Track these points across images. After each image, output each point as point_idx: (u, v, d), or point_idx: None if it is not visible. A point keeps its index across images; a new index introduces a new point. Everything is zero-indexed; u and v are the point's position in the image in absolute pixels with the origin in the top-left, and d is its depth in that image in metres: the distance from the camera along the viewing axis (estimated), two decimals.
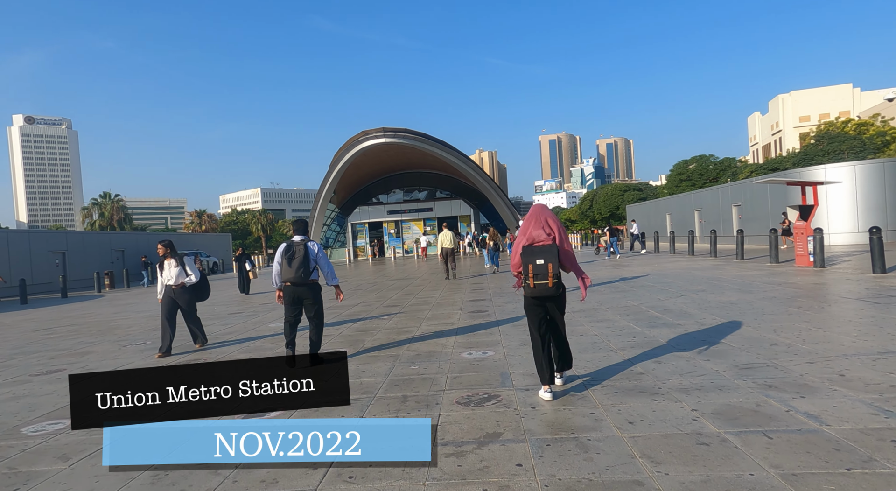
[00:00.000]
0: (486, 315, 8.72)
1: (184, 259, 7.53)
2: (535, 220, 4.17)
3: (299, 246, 5.66)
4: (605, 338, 6.32)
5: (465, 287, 13.72)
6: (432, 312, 9.54)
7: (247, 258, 16.47)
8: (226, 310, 12.72)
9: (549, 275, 3.94)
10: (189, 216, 71.46)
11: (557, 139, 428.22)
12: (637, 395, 4.10)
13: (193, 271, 7.53)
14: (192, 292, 7.62)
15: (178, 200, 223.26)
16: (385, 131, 31.01)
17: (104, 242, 33.26)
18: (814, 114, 77.85)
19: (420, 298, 11.93)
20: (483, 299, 10.83)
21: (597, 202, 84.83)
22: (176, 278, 7.42)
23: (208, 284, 7.91)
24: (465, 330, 7.54)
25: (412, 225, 39.28)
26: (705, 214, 30.94)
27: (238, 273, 16.60)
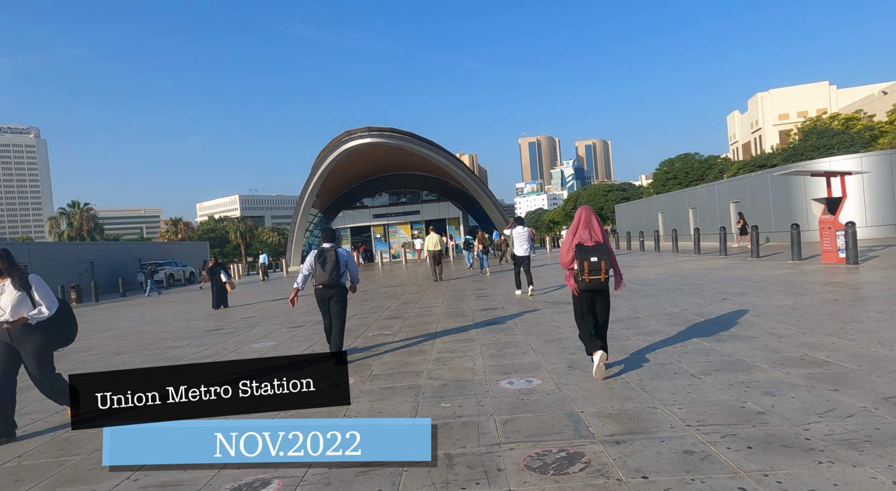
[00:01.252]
0: (507, 329, 7.52)
1: (30, 279, 4.45)
2: (583, 222, 4.59)
3: (330, 252, 6.13)
4: (672, 358, 5.15)
5: (469, 294, 12.51)
6: (441, 325, 8.31)
7: (222, 269, 14.79)
8: (202, 326, 11.30)
9: (602, 270, 4.38)
10: (164, 225, 68.86)
11: (537, 141, 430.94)
12: (782, 451, 2.93)
13: (45, 298, 4.44)
14: (43, 334, 4.45)
15: (153, 209, 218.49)
16: (370, 131, 29.67)
17: (71, 254, 31.24)
18: (792, 111, 78.68)
19: (422, 308, 10.67)
20: (494, 308, 9.64)
21: (581, 202, 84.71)
22: (12, 310, 4.30)
23: (74, 318, 4.77)
24: (490, 347, 6.33)
25: (399, 229, 37.92)
26: (701, 212, 30.28)
27: (212, 287, 14.82)
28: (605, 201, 78.37)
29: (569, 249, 4.57)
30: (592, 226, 4.59)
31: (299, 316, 11.34)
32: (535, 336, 6.82)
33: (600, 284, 4.48)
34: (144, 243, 46.18)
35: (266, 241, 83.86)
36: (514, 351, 6.07)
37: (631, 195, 78.16)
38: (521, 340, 6.62)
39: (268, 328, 10.18)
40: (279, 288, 22.15)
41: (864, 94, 70.36)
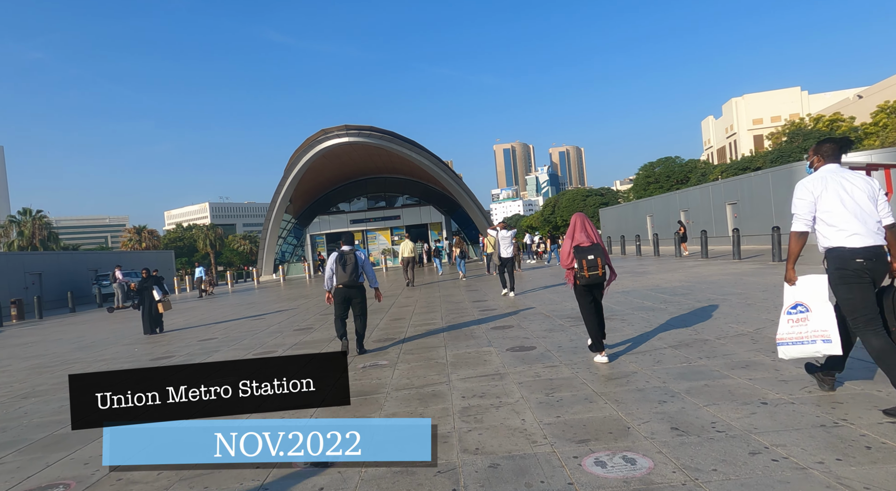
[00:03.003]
0: (541, 357, 5.76)
1: None
2: (579, 226, 5.25)
3: (350, 254, 6.67)
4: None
5: (469, 307, 10.73)
6: (452, 351, 6.52)
7: (156, 284, 11.74)
8: (149, 352, 9.23)
9: (599, 266, 5.06)
10: (127, 233, 65.13)
11: (511, 148, 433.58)
12: None
13: None
14: None
15: (119, 218, 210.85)
16: (348, 129, 27.66)
17: (15, 265, 28.31)
18: (766, 116, 79.75)
19: (418, 325, 8.85)
20: (510, 326, 7.90)
21: (559, 208, 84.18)
22: None
23: None
24: (532, 388, 4.56)
25: (378, 235, 35.94)
26: (693, 214, 29.23)
27: (140, 306, 11.90)
28: (583, 206, 78.05)
29: (569, 251, 5.17)
30: (587, 229, 5.19)
31: (269, 337, 9.40)
32: (585, 369, 5.10)
33: (598, 279, 5.08)
34: (101, 253, 43.02)
35: (237, 249, 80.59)
36: (570, 396, 4.32)
37: (609, 200, 78.19)
38: (570, 376, 4.88)
39: (230, 354, 8.24)
40: (247, 301, 19.99)
41: (834, 99, 71.58)
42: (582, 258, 5.05)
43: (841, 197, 3.44)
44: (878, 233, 3.41)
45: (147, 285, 11.77)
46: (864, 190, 3.46)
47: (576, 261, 5.09)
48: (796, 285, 3.69)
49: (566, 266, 5.25)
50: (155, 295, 11.65)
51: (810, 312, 3.63)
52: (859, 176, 3.54)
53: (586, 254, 5.05)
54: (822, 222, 3.51)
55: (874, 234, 3.40)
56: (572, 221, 5.30)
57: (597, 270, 5.03)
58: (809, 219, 3.55)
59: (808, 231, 3.58)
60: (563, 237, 5.62)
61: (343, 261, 6.67)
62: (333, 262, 6.74)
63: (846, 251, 3.39)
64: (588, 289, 5.23)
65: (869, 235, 3.38)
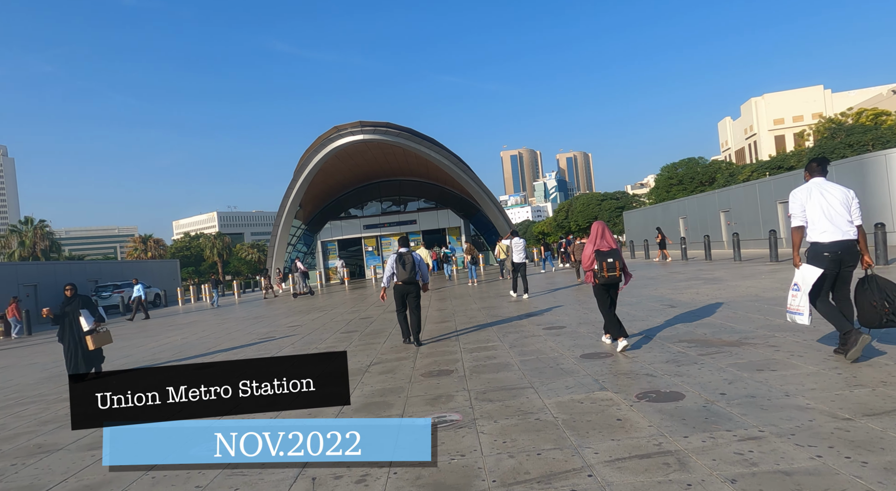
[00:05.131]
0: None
1: None
2: (599, 233, 5.93)
3: (408, 255, 7.54)
4: None
5: (529, 329, 8.61)
6: (547, 395, 4.40)
7: (84, 306, 7.79)
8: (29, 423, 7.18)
9: (616, 268, 5.79)
10: (133, 242, 63.54)
11: (518, 154, 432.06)
12: None
13: None
14: None
15: (128, 228, 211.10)
16: (363, 126, 25.65)
17: (8, 276, 26.58)
18: (787, 116, 77.23)
19: (479, 363, 6.75)
20: (595, 352, 5.78)
21: (573, 213, 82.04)
22: None
23: None
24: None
25: (393, 241, 33.84)
26: (735, 215, 26.95)
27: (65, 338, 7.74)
28: (598, 210, 76.01)
29: (590, 254, 5.90)
30: (606, 237, 5.93)
31: None
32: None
33: (615, 279, 5.85)
34: (102, 263, 41.21)
35: (245, 258, 78.96)
36: None
37: (625, 204, 76.21)
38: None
39: None
40: (253, 315, 17.92)
41: (861, 96, 69.02)
42: (602, 261, 5.77)
43: (820, 203, 4.53)
44: (849, 231, 4.49)
45: (73, 305, 7.80)
46: (839, 198, 4.54)
47: (597, 263, 5.81)
48: (799, 270, 4.65)
49: (588, 268, 5.97)
50: (83, 324, 7.66)
51: (800, 292, 4.61)
52: (837, 187, 4.60)
53: (606, 257, 5.78)
54: (807, 222, 4.61)
55: (843, 232, 4.48)
56: (593, 229, 6.04)
57: (615, 272, 5.78)
58: (802, 217, 4.60)
59: (804, 225, 4.62)
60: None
61: (402, 261, 7.51)
62: (394, 262, 7.57)
63: (818, 245, 4.54)
64: (605, 288, 5.95)
65: (838, 232, 4.48)
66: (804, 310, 4.58)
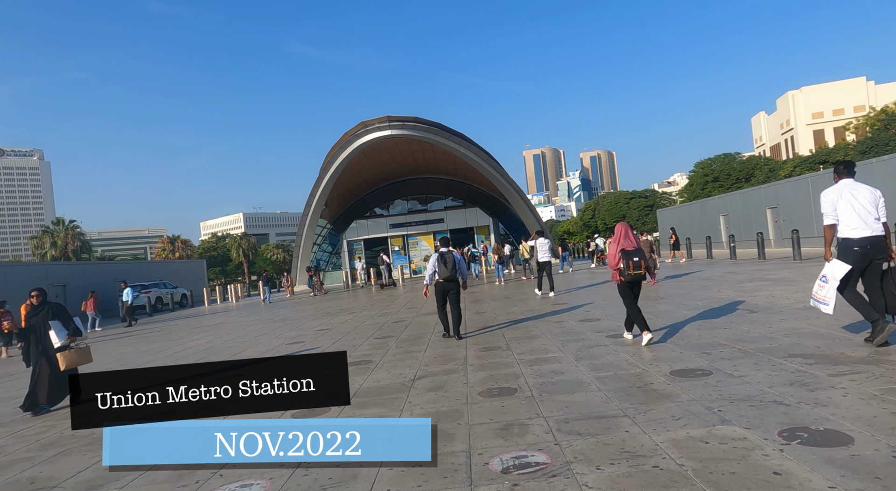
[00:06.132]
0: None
1: None
2: (623, 234, 6.24)
3: (449, 255, 7.98)
4: None
5: (589, 336, 7.62)
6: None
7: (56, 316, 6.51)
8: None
9: (642, 266, 6.08)
10: (161, 243, 64.24)
11: (541, 153, 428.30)
12: None
13: None
14: None
15: (157, 229, 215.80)
16: (390, 121, 24.86)
17: (38, 275, 26.55)
18: (827, 110, 73.95)
19: (545, 379, 5.79)
20: (687, 368, 4.77)
21: (600, 211, 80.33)
22: None
23: None
24: None
25: (420, 240, 33.03)
26: (784, 211, 25.34)
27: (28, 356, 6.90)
28: (627, 209, 74.26)
29: (615, 253, 6.19)
30: (630, 236, 6.22)
31: None
32: None
33: (640, 276, 6.13)
34: (130, 263, 41.40)
35: (270, 258, 79.27)
36: None
37: (654, 202, 74.32)
38: None
39: None
40: (279, 317, 17.25)
41: None
42: (628, 259, 6.09)
43: (851, 202, 4.95)
44: (877, 227, 4.91)
45: (38, 322, 6.38)
46: (867, 197, 4.96)
47: (622, 261, 6.11)
48: (829, 264, 5.05)
49: (613, 267, 6.23)
50: (53, 338, 6.19)
51: (828, 284, 5.03)
52: (865, 187, 5.02)
53: (632, 256, 6.10)
54: (838, 220, 5.02)
55: (872, 228, 4.89)
56: (617, 230, 6.34)
57: (640, 270, 6.08)
58: (834, 215, 5.01)
59: (836, 223, 5.01)
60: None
61: (444, 260, 7.91)
62: (435, 260, 7.97)
63: (849, 241, 4.96)
64: (630, 285, 6.24)
65: (867, 229, 4.89)
66: (830, 301, 5.03)
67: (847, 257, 4.94)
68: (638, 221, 70.01)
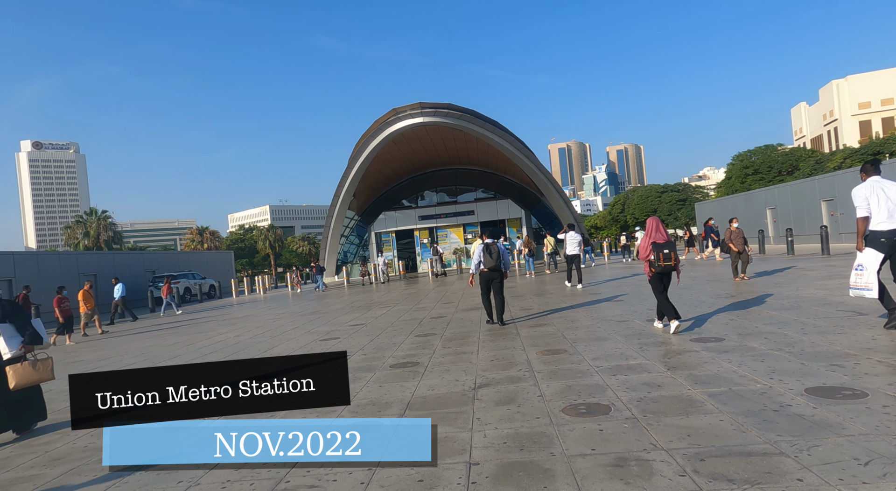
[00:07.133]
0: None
1: None
2: (654, 227, 6.67)
3: (493, 245, 8.31)
4: None
5: (664, 337, 6.63)
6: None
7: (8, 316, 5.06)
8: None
9: (672, 257, 6.49)
10: (190, 234, 64.88)
11: (567, 147, 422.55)
12: None
13: None
14: None
15: (186, 221, 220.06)
16: (423, 108, 23.94)
17: (69, 265, 26.57)
18: (875, 99, 70.26)
19: (641, 394, 4.86)
20: (824, 385, 3.77)
21: (629, 206, 78.22)
22: None
23: None
24: None
25: (450, 232, 32.11)
26: (841, 204, 23.65)
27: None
28: (658, 203, 72.07)
29: (647, 245, 6.62)
30: (661, 230, 6.65)
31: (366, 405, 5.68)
32: None
33: (670, 268, 6.53)
34: (159, 253, 41.59)
35: (296, 250, 79.59)
36: None
37: (686, 196, 72.06)
38: None
39: None
40: (309, 310, 16.57)
41: None
42: (659, 252, 6.50)
43: (879, 197, 5.40)
44: None
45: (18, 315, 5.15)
46: None
47: (653, 253, 6.53)
48: (862, 253, 5.50)
49: (644, 258, 6.72)
50: (2, 347, 4.89)
51: (866, 271, 5.41)
52: (893, 183, 5.49)
53: (662, 248, 6.51)
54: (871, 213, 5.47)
55: None
56: (648, 224, 6.80)
57: (670, 262, 6.48)
58: (867, 209, 5.47)
59: (868, 215, 5.48)
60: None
61: (489, 250, 8.27)
62: (481, 251, 8.30)
63: (878, 232, 5.40)
64: (660, 276, 6.64)
65: (894, 222, 5.32)
66: (873, 286, 5.35)
67: (876, 247, 5.39)
68: (670, 216, 67.88)
